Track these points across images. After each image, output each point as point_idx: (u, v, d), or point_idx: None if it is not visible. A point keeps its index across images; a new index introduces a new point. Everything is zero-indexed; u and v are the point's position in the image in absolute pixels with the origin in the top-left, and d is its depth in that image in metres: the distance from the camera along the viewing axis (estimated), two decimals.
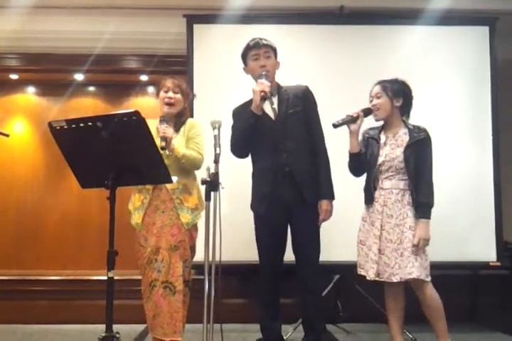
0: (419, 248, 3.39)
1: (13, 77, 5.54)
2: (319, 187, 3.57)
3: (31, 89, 5.74)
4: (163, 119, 3.43)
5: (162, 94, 3.56)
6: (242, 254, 3.81)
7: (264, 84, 3.41)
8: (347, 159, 3.70)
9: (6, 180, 5.58)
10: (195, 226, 3.51)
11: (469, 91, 4.85)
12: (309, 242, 3.58)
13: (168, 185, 3.39)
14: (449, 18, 4.83)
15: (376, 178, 3.57)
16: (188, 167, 3.47)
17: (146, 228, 3.44)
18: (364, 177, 3.70)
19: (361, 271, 3.56)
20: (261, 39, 3.62)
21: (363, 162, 3.63)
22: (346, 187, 3.85)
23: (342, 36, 4.83)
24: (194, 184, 3.54)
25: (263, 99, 3.41)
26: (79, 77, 5.48)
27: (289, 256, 3.63)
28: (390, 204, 3.49)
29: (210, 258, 2.97)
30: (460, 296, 4.85)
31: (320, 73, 4.72)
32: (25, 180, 5.60)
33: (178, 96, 3.56)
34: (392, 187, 3.50)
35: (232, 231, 3.55)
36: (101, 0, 4.96)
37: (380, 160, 3.54)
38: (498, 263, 4.66)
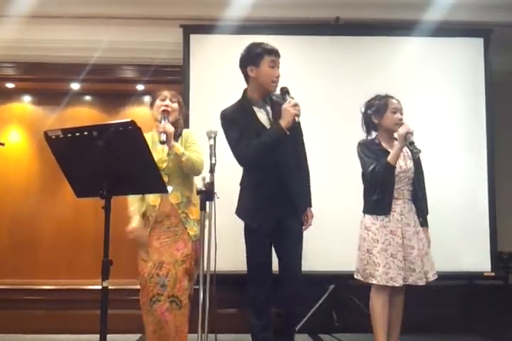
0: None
1: (10, 85, 5.54)
2: (306, 197, 3.65)
3: (27, 98, 5.75)
4: (164, 117, 3.42)
5: (158, 102, 3.54)
6: (237, 264, 3.80)
7: (298, 110, 3.38)
8: (343, 169, 3.72)
9: (1, 189, 5.56)
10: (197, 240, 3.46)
11: (464, 101, 4.88)
12: (296, 251, 3.61)
13: (173, 200, 3.39)
14: (444, 30, 4.87)
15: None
16: (188, 169, 3.42)
17: (149, 243, 3.41)
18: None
19: (373, 280, 3.58)
20: (273, 46, 3.59)
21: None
22: (343, 199, 3.86)
23: (338, 47, 4.86)
24: (196, 195, 3.52)
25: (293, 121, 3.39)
26: (75, 86, 5.49)
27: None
28: (406, 213, 3.64)
29: (205, 268, 2.97)
30: (454, 306, 4.85)
31: (316, 83, 4.74)
32: (21, 189, 5.59)
33: (175, 105, 3.55)
34: (405, 197, 3.66)
35: (226, 241, 3.55)
36: (98, 10, 4.97)
37: (397, 171, 3.61)
38: (493, 274, 4.68)
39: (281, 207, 3.52)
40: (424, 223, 3.71)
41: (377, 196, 3.67)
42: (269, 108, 3.60)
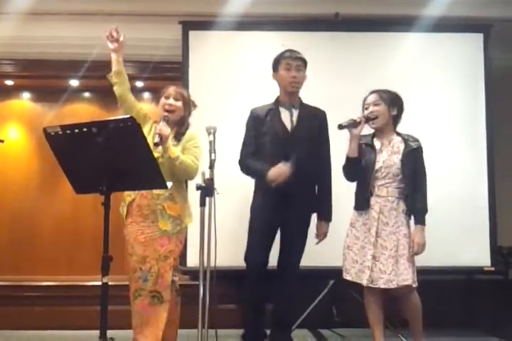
0: (417, 254, 3.49)
1: (9, 82, 5.54)
2: (320, 207, 3.79)
3: (26, 95, 5.74)
4: (164, 119, 3.41)
5: (163, 100, 3.53)
6: (237, 259, 3.81)
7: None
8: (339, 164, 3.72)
9: (0, 185, 5.57)
10: (181, 233, 3.46)
11: (464, 97, 4.88)
12: (297, 245, 3.73)
13: (155, 190, 3.34)
14: (444, 25, 4.86)
15: (372, 185, 3.58)
16: (180, 174, 3.41)
17: (134, 236, 3.40)
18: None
19: (347, 276, 3.60)
20: (295, 51, 3.77)
21: (359, 168, 3.64)
22: (342, 193, 3.86)
23: (337, 43, 4.85)
24: (183, 195, 3.51)
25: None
26: (74, 83, 5.49)
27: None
28: (386, 212, 3.53)
29: (205, 264, 2.97)
30: (455, 301, 4.86)
31: (314, 79, 4.72)
32: (20, 186, 5.59)
33: (179, 103, 3.52)
34: (389, 195, 3.55)
35: (226, 237, 3.56)
36: (96, 6, 4.96)
37: (378, 165, 3.57)
38: (493, 269, 4.69)
39: (282, 213, 3.62)
40: (416, 221, 3.56)
41: (357, 191, 3.69)
42: (295, 111, 3.72)
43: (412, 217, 3.59)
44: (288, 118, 3.69)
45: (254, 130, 3.76)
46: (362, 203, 3.61)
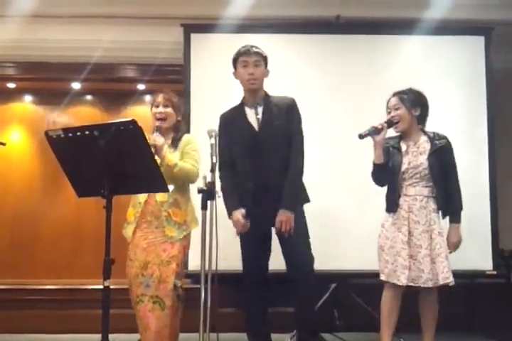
0: (453, 251, 3.56)
1: (10, 85, 5.55)
2: (283, 197, 3.53)
3: (28, 98, 5.76)
4: (156, 129, 3.42)
5: (153, 109, 3.54)
6: (238, 263, 3.80)
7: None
8: (346, 169, 3.70)
9: (2, 188, 5.57)
10: (186, 240, 3.44)
11: (465, 100, 4.87)
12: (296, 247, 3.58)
13: (158, 198, 3.36)
14: (445, 28, 4.86)
15: (400, 185, 3.59)
16: (181, 179, 3.41)
17: (136, 242, 3.40)
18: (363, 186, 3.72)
19: (382, 276, 3.57)
20: (252, 47, 3.64)
21: (386, 172, 3.63)
22: (344, 197, 3.86)
23: (338, 45, 4.85)
24: (186, 200, 3.50)
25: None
26: (76, 85, 5.50)
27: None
28: (415, 211, 3.54)
29: (207, 267, 2.97)
30: (457, 305, 4.85)
31: (316, 82, 4.73)
32: (22, 189, 5.60)
33: (169, 110, 3.52)
34: (417, 194, 3.56)
35: (228, 240, 3.55)
36: (98, 9, 4.97)
37: (404, 167, 3.57)
38: (495, 272, 4.67)
39: (266, 212, 3.52)
40: (451, 220, 3.61)
41: (387, 194, 3.68)
42: (260, 107, 3.62)
43: (440, 215, 3.60)
44: (253, 116, 3.61)
45: (226, 137, 3.60)
46: (391, 205, 3.62)
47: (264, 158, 3.53)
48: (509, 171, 5.09)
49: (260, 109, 3.62)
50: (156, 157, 3.22)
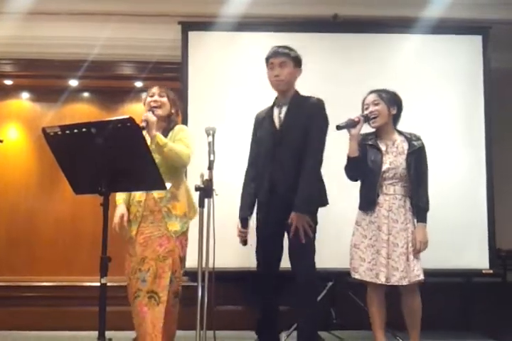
0: (420, 251, 3.53)
1: (8, 82, 5.54)
2: (296, 198, 3.43)
3: (25, 95, 5.74)
4: (152, 110, 3.43)
5: (148, 99, 3.55)
6: (235, 261, 3.80)
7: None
8: (336, 164, 3.70)
9: None
10: (184, 235, 3.45)
11: (463, 99, 4.87)
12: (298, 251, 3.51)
13: (156, 195, 3.37)
14: (443, 27, 4.86)
15: (379, 184, 3.60)
16: (173, 160, 3.37)
17: (134, 237, 3.41)
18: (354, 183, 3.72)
19: (355, 275, 3.59)
20: (279, 47, 3.59)
21: (360, 167, 3.64)
22: (338, 194, 3.85)
23: (336, 44, 4.85)
24: (183, 191, 3.49)
25: None
26: (73, 83, 5.49)
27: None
28: (395, 210, 3.56)
29: (203, 265, 2.97)
30: (453, 304, 4.87)
31: (313, 80, 4.72)
32: (19, 186, 5.59)
33: (164, 99, 3.54)
34: (396, 193, 3.59)
35: (225, 238, 3.55)
36: (96, 6, 4.97)
37: (385, 167, 3.59)
38: (491, 271, 4.67)
39: (277, 214, 3.49)
40: (418, 219, 3.58)
41: (363, 191, 3.69)
42: (285, 107, 3.59)
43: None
44: (277, 115, 3.61)
45: (255, 137, 3.71)
46: (368, 203, 3.62)
47: (279, 157, 3.51)
48: (506, 170, 5.09)
49: (284, 109, 3.60)
50: (149, 142, 3.11)
